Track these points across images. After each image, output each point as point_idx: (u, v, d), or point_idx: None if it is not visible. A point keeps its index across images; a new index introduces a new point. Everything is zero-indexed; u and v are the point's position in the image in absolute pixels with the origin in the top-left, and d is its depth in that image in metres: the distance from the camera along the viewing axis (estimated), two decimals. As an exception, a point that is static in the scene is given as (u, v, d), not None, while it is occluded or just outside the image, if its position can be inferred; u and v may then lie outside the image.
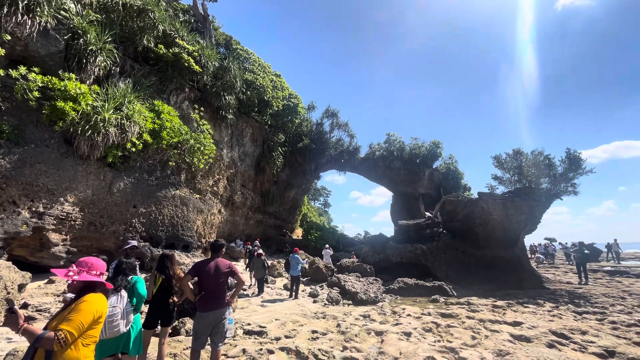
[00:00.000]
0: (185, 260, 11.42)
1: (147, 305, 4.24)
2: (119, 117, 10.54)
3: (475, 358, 4.83)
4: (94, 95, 10.24)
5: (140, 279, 3.51)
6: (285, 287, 12.00)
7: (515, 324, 7.09)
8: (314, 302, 9.81)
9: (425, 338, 6.03)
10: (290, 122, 25.63)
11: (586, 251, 14.47)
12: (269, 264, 13.44)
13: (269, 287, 12.24)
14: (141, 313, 3.79)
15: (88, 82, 10.76)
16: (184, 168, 15.04)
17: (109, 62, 11.57)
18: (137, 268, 5.07)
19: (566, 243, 27.32)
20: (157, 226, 13.08)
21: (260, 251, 12.14)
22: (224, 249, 4.27)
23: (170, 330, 5.52)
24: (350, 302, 9.95)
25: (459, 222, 15.60)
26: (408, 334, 6.18)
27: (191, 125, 15.68)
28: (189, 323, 6.01)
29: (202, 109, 16.50)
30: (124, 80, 12.43)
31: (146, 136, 11.97)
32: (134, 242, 5.13)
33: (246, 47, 22.91)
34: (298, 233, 32.48)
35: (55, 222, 9.36)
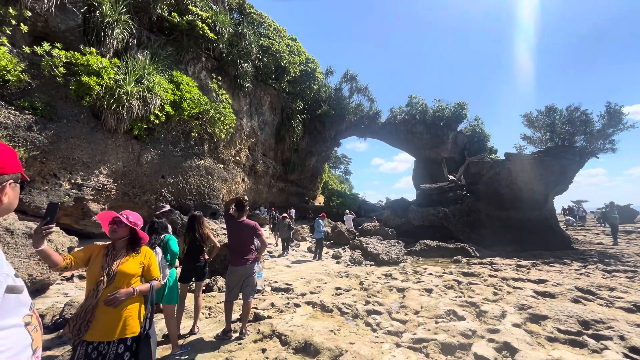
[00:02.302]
0: (214, 226, 12.02)
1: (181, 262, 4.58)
2: (141, 89, 10.74)
3: (496, 311, 4.93)
4: (115, 69, 10.41)
5: (172, 237, 3.78)
6: (309, 250, 12.46)
7: (540, 281, 7.07)
8: (337, 263, 10.17)
9: (446, 294, 6.17)
10: (308, 89, 25.13)
11: (614, 214, 13.67)
12: (294, 227, 14.15)
13: (293, 249, 12.77)
14: (176, 268, 4.11)
15: (108, 55, 10.91)
16: (207, 138, 15.36)
17: (125, 34, 11.60)
18: (169, 228, 5.43)
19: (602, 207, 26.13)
20: (185, 195, 13.71)
21: (285, 214, 13.14)
22: (248, 207, 4.44)
23: (204, 286, 5.96)
24: (372, 262, 10.23)
25: (483, 185, 15.20)
26: (429, 291, 6.35)
27: (210, 95, 15.77)
28: (220, 281, 6.46)
29: (219, 78, 16.45)
30: (142, 52, 12.50)
31: (168, 108, 12.19)
32: (167, 206, 5.41)
33: (260, 11, 22.08)
34: (320, 200, 33.01)
35: (93, 192, 10.01)
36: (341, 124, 27.96)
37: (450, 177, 18.25)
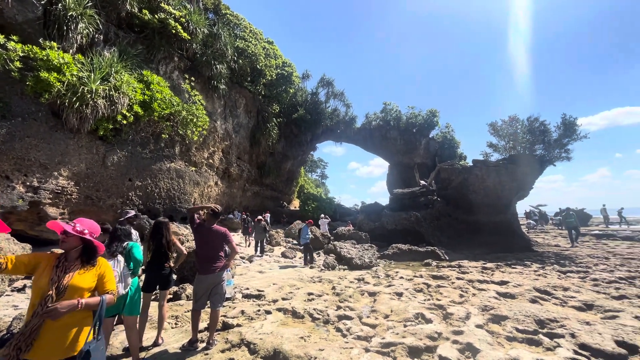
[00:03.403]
0: (184, 232, 11.64)
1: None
2: (107, 88, 10.25)
3: (461, 313, 5.12)
4: (79, 65, 9.88)
5: (136, 245, 3.62)
6: (283, 255, 12.37)
7: (502, 283, 7.44)
8: (311, 267, 10.16)
9: (415, 297, 6.34)
10: (284, 92, 25.10)
11: (570, 218, 14.68)
12: (269, 229, 14.19)
13: (267, 254, 12.61)
14: (139, 277, 3.93)
15: (71, 51, 10.34)
16: (178, 140, 14.89)
17: (91, 30, 11.06)
18: (137, 236, 5.20)
19: (559, 209, 27.97)
20: (154, 199, 13.18)
21: (260, 217, 13.27)
22: (220, 217, 4.42)
23: (169, 295, 5.75)
24: (345, 267, 10.31)
25: (453, 190, 15.82)
26: (400, 294, 6.48)
27: (182, 96, 15.33)
28: (189, 289, 6.25)
29: (192, 79, 16.05)
30: (109, 49, 11.95)
31: (137, 108, 11.72)
32: (133, 212, 5.19)
33: (236, 13, 21.82)
34: (295, 204, 32.89)
35: (51, 196, 9.39)
36: (317, 129, 28.13)
37: (422, 182, 18.83)
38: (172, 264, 4.49)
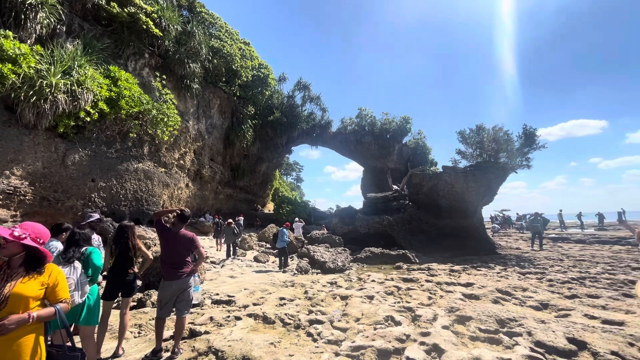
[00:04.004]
0: (152, 235, 11.15)
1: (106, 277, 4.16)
2: (69, 82, 9.67)
3: (429, 315, 5.27)
4: (37, 57, 9.26)
5: (95, 250, 3.41)
6: (255, 259, 12.17)
7: (468, 284, 7.76)
8: (284, 272, 10.07)
9: (386, 300, 6.46)
10: (260, 94, 24.85)
11: (536, 223, 15.69)
12: (240, 233, 14.03)
13: (239, 259, 12.35)
14: (99, 284, 3.71)
15: (29, 41, 9.68)
16: (147, 140, 14.31)
17: (52, 20, 10.42)
18: (100, 241, 4.92)
19: (522, 214, 29.73)
20: (119, 201, 12.54)
21: (231, 220, 13.13)
22: (189, 220, 4.30)
23: (132, 302, 5.48)
24: (319, 271, 10.32)
25: (423, 195, 16.34)
26: (371, 297, 6.58)
27: (153, 94, 14.77)
28: (154, 295, 5.99)
29: (164, 77, 15.51)
30: (72, 41, 11.30)
31: (102, 105, 11.14)
32: (97, 215, 4.90)
33: (212, 11, 21.39)
34: (270, 207, 32.54)
35: (1, 196, 8.67)
36: (293, 132, 28.05)
37: (395, 187, 19.30)
38: (136, 270, 4.29)
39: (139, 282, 6.82)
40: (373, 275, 9.04)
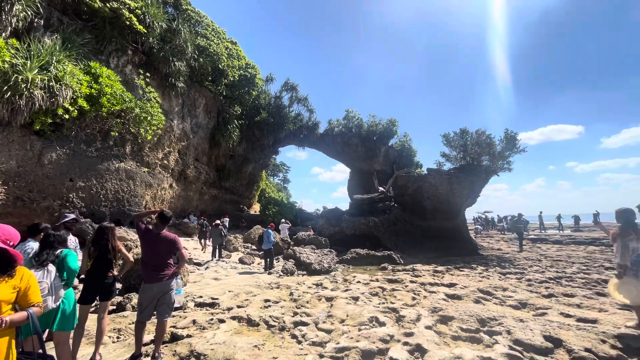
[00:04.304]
0: (133, 237, 10.86)
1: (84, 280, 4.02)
2: (46, 78, 9.32)
3: (412, 315, 5.34)
4: (13, 51, 8.89)
5: (71, 252, 3.29)
6: (240, 261, 12.04)
7: (451, 285, 7.90)
8: (269, 273, 10.00)
9: (371, 301, 6.50)
10: (247, 94, 24.63)
11: (519, 224, 16.14)
12: (227, 234, 13.94)
13: (224, 260, 12.18)
14: (74, 289, 3.58)
15: (4, 35, 9.29)
16: (129, 139, 13.95)
17: (29, 13, 10.03)
18: (76, 242, 4.75)
19: (505, 216, 30.55)
20: (99, 201, 12.16)
21: (218, 221, 13.17)
22: (170, 221, 4.22)
23: (110, 306, 5.33)
24: (304, 272, 10.29)
25: (409, 196, 16.57)
26: (356, 298, 6.61)
27: (136, 92, 14.41)
28: (135, 298, 5.83)
29: (148, 74, 15.15)
30: (51, 36, 10.91)
31: (82, 102, 10.80)
32: (73, 215, 4.73)
33: (198, 9, 21.07)
34: (255, 208, 32.25)
35: (-29, 196, 8.27)
36: (280, 132, 27.91)
37: (381, 188, 19.48)
38: (116, 273, 4.17)
39: (118, 285, 6.64)
40: (358, 277, 9.09)
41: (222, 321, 5.14)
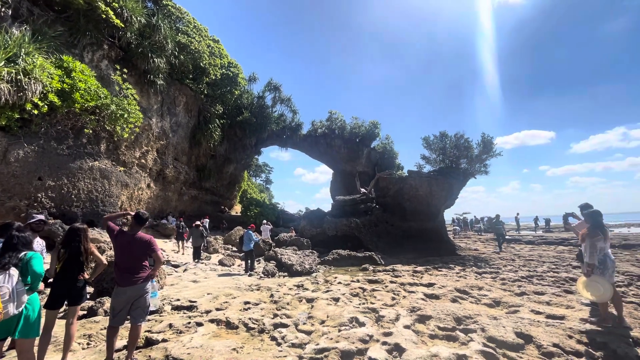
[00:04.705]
0: (107, 238, 10.45)
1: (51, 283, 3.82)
2: (13, 71, 8.84)
3: (392, 315, 5.42)
4: (-24, 42, 8.37)
5: (36, 255, 3.11)
6: (220, 263, 11.82)
7: (429, 285, 8.08)
8: (250, 275, 9.87)
9: (351, 302, 6.54)
10: (229, 93, 24.28)
11: (498, 225, 16.39)
12: (207, 236, 13.70)
13: (203, 262, 11.93)
14: (39, 294, 3.40)
15: (-34, 24, 8.73)
16: (104, 137, 13.44)
17: (-4, 2, 9.47)
18: (43, 245, 4.53)
19: (482, 217, 31.55)
20: (70, 201, 11.63)
21: (198, 222, 12.85)
22: (147, 223, 4.09)
23: (81, 311, 5.12)
24: (285, 274, 10.23)
25: (390, 198, 16.82)
26: (337, 299, 6.63)
27: (112, 88, 13.92)
28: (108, 303, 5.60)
29: (125, 70, 14.66)
30: (19, 26, 10.36)
31: (52, 97, 10.31)
32: (41, 216, 4.49)
33: (179, 5, 20.61)
34: (237, 209, 31.81)
35: None
36: (263, 133, 27.68)
37: (362, 190, 19.68)
38: (87, 276, 3.99)
39: (90, 289, 6.37)
40: (340, 277, 9.13)
41: (200, 324, 5.02)
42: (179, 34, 19.34)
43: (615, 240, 16.14)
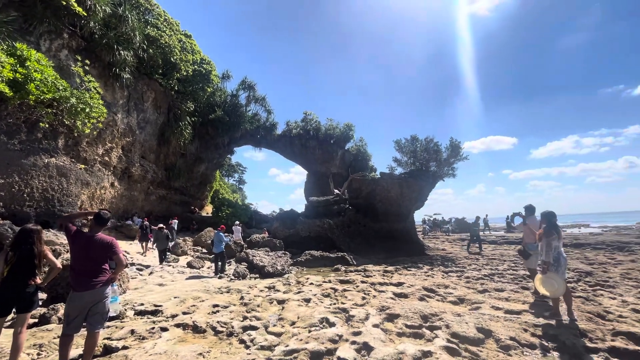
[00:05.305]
0: (63, 240, 9.78)
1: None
2: (-43, 57, 8.05)
3: (362, 314, 5.50)
4: None
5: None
6: (189, 265, 11.43)
7: (399, 284, 8.29)
8: (220, 277, 9.64)
9: (322, 302, 6.57)
10: (201, 90, 23.58)
11: (476, 226, 16.59)
12: (173, 238, 13.15)
13: (171, 265, 11.49)
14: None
15: None
16: (63, 132, 12.59)
17: (-64, -20, 8.59)
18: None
19: (449, 218, 32.85)
20: (22, 201, 10.77)
21: (162, 225, 12.43)
22: (109, 223, 3.87)
23: (32, 319, 4.78)
24: (257, 275, 10.08)
25: (362, 199, 17.09)
26: (308, 300, 6.63)
27: (72, 80, 13.07)
28: (62, 309, 5.24)
29: (87, 62, 13.79)
30: (-35, 9, 9.45)
31: (3, 87, 9.51)
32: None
33: (149, -3, 19.74)
34: (208, 210, 30.94)
35: None
36: (236, 132, 27.18)
37: (336, 191, 19.85)
38: (39, 281, 3.72)
39: (43, 295, 5.93)
40: (312, 278, 9.14)
41: (164, 329, 4.83)
42: (148, 27, 18.54)
43: (567, 239, 17.42)
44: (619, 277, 8.43)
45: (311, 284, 8.46)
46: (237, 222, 18.18)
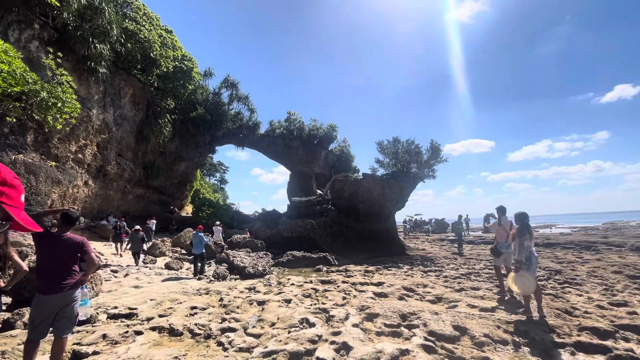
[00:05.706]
0: (30, 242, 9.28)
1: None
2: None
3: (341, 314, 5.53)
4: None
5: None
6: (167, 266, 11.14)
7: (379, 284, 8.39)
8: (199, 279, 9.44)
9: (303, 303, 6.56)
10: (182, 87, 23.01)
11: (459, 225, 16.63)
12: (149, 240, 12.74)
13: (148, 266, 11.14)
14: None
15: None
16: (32, 127, 11.99)
17: None
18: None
19: (430, 219, 33.55)
20: (-14, 199, 10.13)
21: (137, 227, 11.89)
22: (77, 223, 3.70)
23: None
24: (237, 276, 9.95)
25: (345, 200, 17.20)
26: (288, 301, 6.60)
27: (43, 73, 12.46)
28: (28, 314, 4.97)
29: (60, 54, 13.16)
30: None
31: (-35, 79, 8.92)
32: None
33: (127, -11, 19.09)
34: (188, 210, 30.27)
35: None
36: (218, 130, 26.72)
37: (319, 191, 19.90)
38: (2, 284, 3.51)
39: (7, 299, 5.62)
40: (293, 279, 9.11)
41: (139, 333, 4.68)
42: (127, 20, 17.93)
43: (539, 239, 18.18)
44: (586, 275, 8.87)
45: (292, 284, 8.43)
46: (218, 223, 17.87)
